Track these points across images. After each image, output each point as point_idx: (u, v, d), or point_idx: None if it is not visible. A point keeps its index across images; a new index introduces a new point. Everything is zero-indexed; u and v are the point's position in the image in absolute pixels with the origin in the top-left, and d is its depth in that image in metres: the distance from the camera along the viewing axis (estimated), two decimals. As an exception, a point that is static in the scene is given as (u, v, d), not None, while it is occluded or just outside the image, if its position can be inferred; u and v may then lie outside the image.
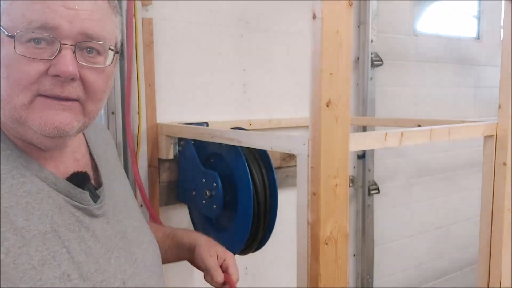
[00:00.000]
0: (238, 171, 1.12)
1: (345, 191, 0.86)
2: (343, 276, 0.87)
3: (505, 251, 1.23)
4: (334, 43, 0.80)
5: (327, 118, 0.81)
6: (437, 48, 2.22)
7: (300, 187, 0.86)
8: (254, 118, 1.56)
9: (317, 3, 0.78)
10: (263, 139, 0.97)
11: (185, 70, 1.41)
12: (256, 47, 1.56)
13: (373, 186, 1.98)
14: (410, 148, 2.12)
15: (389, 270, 2.17)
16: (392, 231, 2.15)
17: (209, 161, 1.23)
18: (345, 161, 0.85)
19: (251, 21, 1.54)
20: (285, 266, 1.68)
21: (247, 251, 1.21)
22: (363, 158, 1.95)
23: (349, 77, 0.83)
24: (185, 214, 1.39)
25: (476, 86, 2.45)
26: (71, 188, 0.63)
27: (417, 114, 2.14)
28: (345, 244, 0.87)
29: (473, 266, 2.47)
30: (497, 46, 2.38)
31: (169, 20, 1.36)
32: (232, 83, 1.52)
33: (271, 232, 1.18)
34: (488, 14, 2.47)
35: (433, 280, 2.39)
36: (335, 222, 0.85)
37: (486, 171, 1.24)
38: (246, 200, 1.11)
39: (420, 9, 2.19)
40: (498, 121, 1.22)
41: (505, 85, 1.20)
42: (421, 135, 1.06)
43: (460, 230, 2.46)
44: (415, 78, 2.15)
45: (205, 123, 1.40)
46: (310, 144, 0.83)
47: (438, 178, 2.31)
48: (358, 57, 1.91)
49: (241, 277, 0.88)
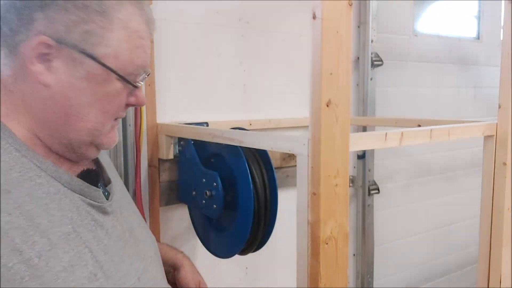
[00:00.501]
0: (238, 171, 1.12)
1: (345, 191, 0.86)
2: (343, 276, 0.87)
3: (505, 251, 1.23)
4: (334, 43, 0.80)
5: (327, 118, 0.81)
6: (437, 48, 2.22)
7: (300, 187, 0.86)
8: (254, 118, 1.56)
9: (317, 3, 0.78)
10: (263, 139, 0.97)
11: (185, 70, 1.41)
12: (256, 47, 1.56)
13: (373, 186, 1.99)
14: (410, 148, 2.12)
15: (389, 270, 2.17)
16: (392, 231, 2.15)
17: (209, 161, 1.23)
18: (345, 161, 0.85)
19: (251, 21, 1.54)
20: (285, 266, 1.68)
21: (247, 251, 1.21)
22: (363, 158, 1.96)
23: (349, 77, 0.83)
24: (185, 214, 1.39)
25: (476, 86, 2.45)
26: (85, 187, 0.64)
27: (417, 114, 2.14)
28: (345, 244, 0.87)
29: (473, 266, 2.47)
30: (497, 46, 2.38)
31: (169, 20, 1.36)
32: (232, 83, 1.52)
33: (271, 232, 1.18)
34: (488, 14, 2.47)
35: (433, 280, 2.39)
36: (335, 222, 0.85)
37: (486, 171, 1.24)
38: (246, 200, 1.11)
39: (420, 9, 2.19)
40: (498, 121, 1.22)
41: (505, 85, 1.20)
42: (421, 135, 1.06)
43: (460, 230, 2.46)
44: (415, 78, 2.15)
45: (205, 123, 1.40)
46: (310, 144, 0.83)
47: (438, 178, 2.31)
48: (358, 57, 1.91)
49: (241, 277, 0.89)
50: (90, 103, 0.62)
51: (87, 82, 0.61)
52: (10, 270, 0.51)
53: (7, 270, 0.50)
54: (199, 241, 1.35)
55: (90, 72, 0.61)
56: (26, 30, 0.58)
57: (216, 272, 1.53)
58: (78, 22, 0.58)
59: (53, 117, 0.62)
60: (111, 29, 0.61)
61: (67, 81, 0.60)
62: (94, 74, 0.61)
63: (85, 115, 0.63)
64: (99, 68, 0.61)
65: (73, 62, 0.60)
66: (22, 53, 0.58)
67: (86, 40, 0.59)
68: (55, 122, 0.62)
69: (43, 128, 0.62)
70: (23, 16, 0.58)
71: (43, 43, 0.58)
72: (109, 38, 0.61)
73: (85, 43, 0.59)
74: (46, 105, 0.61)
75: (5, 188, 0.54)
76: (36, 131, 0.62)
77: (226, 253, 1.23)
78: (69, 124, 0.62)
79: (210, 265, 1.51)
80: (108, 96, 0.64)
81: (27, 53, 0.58)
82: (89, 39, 0.59)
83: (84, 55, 0.60)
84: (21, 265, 0.52)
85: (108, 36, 0.61)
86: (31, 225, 0.54)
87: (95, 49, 0.60)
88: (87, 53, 0.60)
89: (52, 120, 0.62)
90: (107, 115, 0.65)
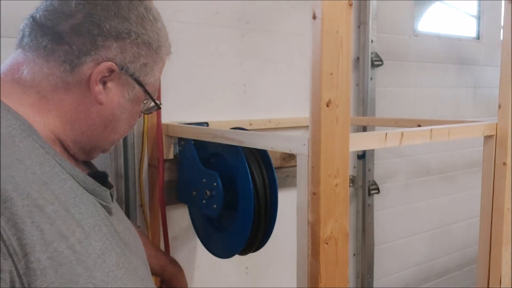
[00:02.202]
0: (238, 171, 1.13)
1: (345, 191, 0.86)
2: (343, 276, 0.87)
3: (505, 251, 1.23)
4: (334, 43, 0.80)
5: (327, 118, 0.81)
6: (437, 48, 2.23)
7: (300, 187, 0.86)
8: (254, 118, 1.56)
9: (317, 3, 0.78)
10: (263, 139, 0.97)
11: (185, 70, 1.41)
12: (256, 47, 1.56)
13: (373, 186, 1.99)
14: (410, 148, 2.12)
15: (389, 270, 2.17)
16: (392, 231, 2.15)
17: (209, 161, 1.23)
18: (345, 161, 0.85)
19: (251, 21, 1.54)
20: (285, 266, 1.68)
21: (247, 251, 1.21)
22: (363, 158, 1.96)
23: (349, 77, 0.83)
24: (185, 214, 1.39)
25: (476, 86, 2.45)
26: (97, 186, 0.69)
27: (417, 114, 2.14)
28: (345, 244, 0.87)
29: (473, 266, 2.47)
30: (497, 46, 2.39)
31: (169, 20, 1.35)
32: (233, 83, 1.52)
33: (271, 232, 1.18)
34: (488, 14, 2.47)
35: (433, 280, 2.39)
36: (335, 222, 0.85)
37: (486, 171, 1.24)
38: (246, 200, 1.11)
39: (420, 9, 2.19)
40: (498, 121, 1.22)
41: (505, 85, 1.20)
42: (421, 135, 1.06)
43: (460, 230, 2.47)
44: (415, 78, 2.15)
45: (205, 123, 1.40)
46: (310, 144, 0.83)
47: (438, 178, 2.31)
48: (358, 57, 1.91)
49: (241, 277, 0.89)
50: (125, 119, 0.73)
51: (131, 103, 0.72)
52: (61, 254, 0.55)
53: (58, 254, 0.55)
54: (199, 241, 1.35)
55: (136, 95, 0.72)
56: (96, 54, 0.65)
57: (216, 272, 1.53)
58: (141, 56, 0.69)
59: (91, 128, 0.69)
60: (157, 62, 0.73)
61: (117, 101, 0.70)
62: (138, 97, 0.72)
63: (119, 128, 0.73)
64: (142, 92, 0.72)
65: (127, 86, 0.70)
66: (85, 72, 0.65)
67: (142, 70, 0.70)
68: (90, 132, 0.69)
69: (72, 134, 0.68)
70: (97, 41, 0.65)
71: (110, 68, 0.66)
72: (155, 69, 0.73)
73: (140, 72, 0.70)
74: (89, 118, 0.68)
75: (43, 180, 0.58)
76: (60, 134, 0.67)
77: (226, 253, 1.23)
78: (103, 135, 0.71)
79: (210, 265, 1.51)
80: (136, 114, 0.75)
81: (94, 75, 0.66)
82: (144, 69, 0.70)
83: (137, 82, 0.70)
84: (68, 250, 0.56)
85: (155, 67, 0.73)
86: (68, 215, 0.59)
87: (145, 78, 0.71)
88: (139, 80, 0.70)
89: (88, 130, 0.69)
90: (129, 129, 0.76)
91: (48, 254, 0.53)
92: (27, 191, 0.54)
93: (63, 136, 0.67)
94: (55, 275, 0.53)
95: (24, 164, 0.57)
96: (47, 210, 0.56)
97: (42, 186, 0.57)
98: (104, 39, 0.65)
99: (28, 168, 0.57)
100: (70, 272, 0.55)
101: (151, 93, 0.74)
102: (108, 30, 0.65)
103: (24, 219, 0.52)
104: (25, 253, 0.52)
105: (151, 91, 0.74)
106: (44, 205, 0.55)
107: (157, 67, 0.74)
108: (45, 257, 0.53)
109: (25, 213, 0.53)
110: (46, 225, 0.54)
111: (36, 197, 0.55)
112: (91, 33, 0.65)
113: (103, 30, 0.65)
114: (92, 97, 0.67)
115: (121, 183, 1.30)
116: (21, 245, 0.52)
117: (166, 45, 0.75)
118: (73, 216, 0.59)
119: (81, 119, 0.68)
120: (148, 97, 0.74)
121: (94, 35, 0.65)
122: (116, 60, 0.66)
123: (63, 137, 0.67)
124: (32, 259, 0.52)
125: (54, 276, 0.53)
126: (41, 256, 0.53)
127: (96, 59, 0.65)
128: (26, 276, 0.51)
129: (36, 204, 0.55)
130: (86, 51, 0.65)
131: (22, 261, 0.51)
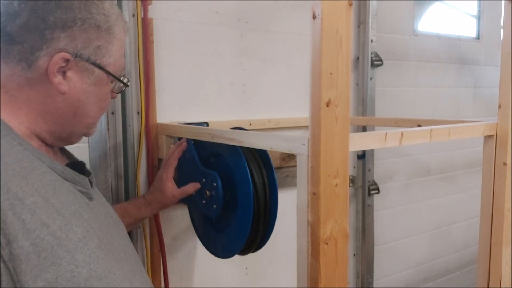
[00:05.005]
0: (238, 171, 1.12)
1: (345, 191, 0.86)
2: (343, 276, 0.87)
3: (505, 251, 1.23)
4: (334, 43, 0.80)
5: (327, 118, 0.81)
6: (437, 48, 2.22)
7: (300, 187, 0.86)
8: (254, 118, 1.56)
9: (317, 3, 0.78)
10: (263, 139, 0.97)
11: (185, 70, 1.41)
12: (256, 47, 1.56)
13: (373, 186, 1.98)
14: (410, 148, 2.12)
15: (389, 270, 2.17)
16: (392, 231, 2.15)
17: (209, 161, 1.23)
18: (345, 161, 0.85)
19: (250, 21, 1.54)
20: (285, 266, 1.68)
21: (247, 251, 1.21)
22: (363, 158, 1.95)
23: (349, 77, 0.83)
24: (185, 214, 1.39)
25: (476, 86, 2.45)
26: (76, 175, 0.73)
27: (417, 114, 2.14)
28: (345, 244, 0.87)
29: (473, 266, 2.47)
30: (497, 46, 2.39)
31: (169, 20, 1.36)
32: (232, 83, 1.52)
33: (271, 232, 1.17)
34: (488, 14, 2.46)
35: (433, 280, 2.39)
36: (335, 222, 0.85)
37: (486, 171, 1.24)
38: (246, 200, 1.11)
39: (420, 9, 2.19)
40: (498, 121, 1.21)
41: (505, 85, 1.20)
42: (421, 135, 1.06)
43: (460, 230, 2.47)
44: (415, 78, 2.15)
45: (205, 123, 1.40)
46: (310, 144, 0.83)
47: (438, 178, 2.31)
48: (358, 57, 1.91)
49: (241, 277, 0.89)
50: (94, 102, 0.76)
51: (94, 86, 0.75)
52: (43, 240, 0.60)
53: (40, 240, 0.60)
54: (199, 241, 1.35)
55: (98, 78, 0.75)
56: (48, 47, 0.68)
57: (215, 272, 1.53)
58: (92, 40, 0.71)
59: (61, 117, 0.73)
60: (112, 42, 0.75)
61: (80, 88, 0.73)
62: (100, 79, 0.75)
63: (89, 112, 0.76)
64: (104, 74, 0.75)
65: (86, 71, 0.73)
66: (42, 66, 0.68)
67: (97, 53, 0.73)
68: (62, 121, 0.73)
69: (46, 126, 0.72)
70: (45, 35, 0.67)
71: (64, 58, 0.69)
72: (111, 50, 0.75)
73: (96, 55, 0.73)
74: (57, 108, 0.72)
75: (22, 175, 0.62)
76: (35, 128, 0.71)
77: (226, 253, 1.23)
78: (74, 121, 0.75)
79: (210, 265, 1.51)
80: (105, 95, 0.79)
81: (50, 67, 0.68)
82: (99, 52, 0.73)
83: (95, 65, 0.73)
84: (50, 236, 0.61)
85: (110, 48, 0.75)
86: (48, 205, 0.63)
87: (102, 60, 0.74)
88: (97, 63, 0.73)
89: (59, 120, 0.73)
90: (102, 110, 0.80)
91: (31, 241, 0.59)
92: (7, 186, 0.59)
93: (37, 130, 0.72)
94: (38, 259, 0.59)
95: (4, 162, 0.61)
96: (28, 202, 0.60)
97: (22, 180, 0.62)
98: (52, 31, 0.68)
99: (7, 165, 0.62)
100: (52, 256, 0.60)
101: (114, 73, 0.77)
102: (54, 22, 0.67)
103: (5, 212, 0.57)
104: (8, 241, 0.57)
105: (113, 71, 0.76)
106: (24, 198, 0.60)
107: (113, 47, 0.75)
108: (27, 244, 0.58)
109: (6, 206, 0.58)
110: (27, 215, 0.59)
111: (16, 191, 0.60)
112: (38, 28, 0.67)
113: (49, 23, 0.67)
114: (55, 88, 0.70)
115: (121, 183, 1.30)
116: (4, 235, 0.57)
117: (118, 23, 0.76)
118: (53, 206, 0.64)
119: (51, 110, 0.72)
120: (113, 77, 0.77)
121: (41, 29, 0.67)
122: (68, 49, 0.69)
123: (38, 131, 0.72)
124: (15, 246, 0.57)
125: (37, 260, 0.58)
126: (24, 243, 0.58)
127: (49, 52, 0.68)
128: (11, 261, 0.57)
129: (17, 197, 0.59)
130: (38, 47, 0.68)
131: (6, 248, 0.57)
